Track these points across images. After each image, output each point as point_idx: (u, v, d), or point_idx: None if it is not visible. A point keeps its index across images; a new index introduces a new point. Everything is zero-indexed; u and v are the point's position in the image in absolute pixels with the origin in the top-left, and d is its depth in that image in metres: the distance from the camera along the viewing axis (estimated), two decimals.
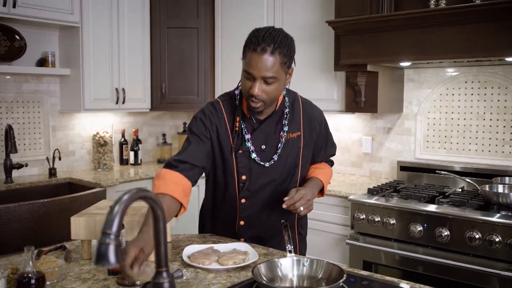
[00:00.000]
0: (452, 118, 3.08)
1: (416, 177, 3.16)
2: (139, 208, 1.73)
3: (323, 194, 1.91)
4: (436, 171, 2.92)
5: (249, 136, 1.72)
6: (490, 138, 2.95)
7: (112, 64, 3.58)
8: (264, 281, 1.30)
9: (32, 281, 1.27)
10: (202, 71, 3.91)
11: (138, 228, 1.52)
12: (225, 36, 3.83)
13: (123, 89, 3.65)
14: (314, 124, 1.84)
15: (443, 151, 3.13)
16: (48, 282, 1.36)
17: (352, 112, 3.24)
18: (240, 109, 1.73)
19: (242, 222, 1.80)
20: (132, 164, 3.94)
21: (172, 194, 1.51)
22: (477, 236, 2.27)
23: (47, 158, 3.40)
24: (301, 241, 1.95)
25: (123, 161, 3.93)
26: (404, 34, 2.62)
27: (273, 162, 1.75)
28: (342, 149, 3.54)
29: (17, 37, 3.29)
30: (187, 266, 1.52)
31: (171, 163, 1.63)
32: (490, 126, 2.94)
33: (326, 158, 1.97)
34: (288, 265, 1.40)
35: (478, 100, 2.98)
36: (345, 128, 3.56)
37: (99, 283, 1.40)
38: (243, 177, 1.74)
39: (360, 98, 3.06)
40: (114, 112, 3.89)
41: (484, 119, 2.96)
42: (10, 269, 1.39)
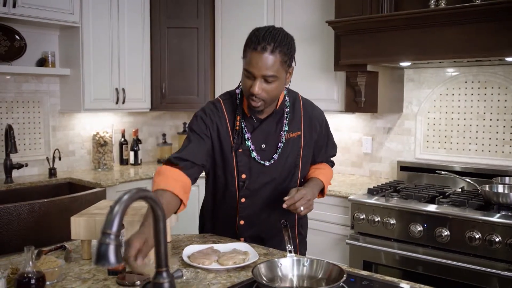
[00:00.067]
0: (452, 118, 3.08)
1: (416, 177, 3.16)
2: (139, 208, 1.73)
3: (324, 195, 1.91)
4: (436, 171, 2.92)
5: (249, 135, 1.73)
6: (490, 138, 2.95)
7: (112, 64, 3.58)
8: (264, 281, 1.30)
9: (32, 281, 1.27)
10: (202, 71, 3.91)
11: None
12: (225, 36, 3.83)
13: (123, 89, 3.65)
14: (315, 124, 1.84)
15: (443, 151, 3.13)
16: (48, 282, 1.36)
17: (352, 112, 3.24)
18: (241, 108, 1.74)
19: (242, 222, 1.80)
20: (132, 164, 3.94)
21: (172, 191, 1.51)
22: (477, 236, 2.27)
23: (47, 158, 3.40)
24: (302, 241, 1.95)
25: (123, 161, 3.94)
26: (404, 34, 2.62)
27: (273, 161, 1.75)
28: (342, 149, 3.54)
29: (17, 37, 3.29)
30: (187, 266, 1.52)
31: (171, 160, 1.63)
32: (490, 126, 2.94)
33: (327, 159, 1.97)
34: (288, 265, 1.40)
35: (478, 100, 2.98)
36: (345, 128, 3.56)
37: (99, 283, 1.40)
38: (243, 176, 1.74)
39: (360, 98, 3.06)
40: (114, 112, 3.89)
41: (484, 119, 2.96)
42: (10, 269, 1.39)
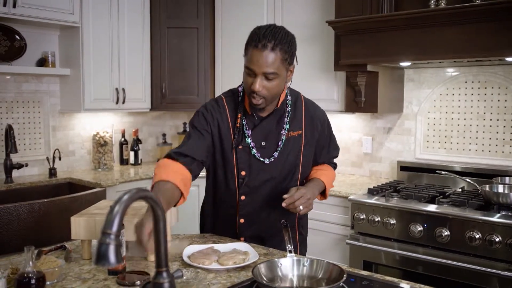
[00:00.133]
0: (452, 118, 3.08)
1: (416, 177, 3.16)
2: (139, 208, 1.73)
3: (326, 197, 1.90)
4: (436, 171, 2.92)
5: (250, 132, 1.74)
6: (490, 138, 2.95)
7: (112, 64, 3.58)
8: (264, 281, 1.30)
9: (32, 281, 1.27)
10: (202, 71, 3.91)
11: None
12: (225, 36, 3.83)
13: (123, 89, 3.65)
14: (316, 123, 1.85)
15: (443, 151, 3.13)
16: (48, 282, 1.36)
17: (352, 112, 3.24)
18: (242, 105, 1.75)
19: (242, 220, 1.80)
20: (132, 164, 3.94)
21: (174, 182, 1.53)
22: (477, 236, 2.27)
23: (47, 158, 3.40)
24: (302, 242, 1.95)
25: (123, 161, 3.93)
26: (404, 34, 2.62)
27: (273, 159, 1.75)
28: (342, 149, 3.54)
29: (17, 37, 3.29)
30: (187, 266, 1.52)
31: (172, 156, 1.65)
32: (490, 126, 2.94)
33: (329, 160, 1.97)
34: (288, 265, 1.40)
35: (478, 100, 2.98)
36: (345, 128, 3.56)
37: (99, 283, 1.40)
38: (243, 173, 1.75)
39: (360, 98, 3.06)
40: (114, 112, 3.89)
41: (484, 119, 2.96)
42: (10, 269, 1.39)
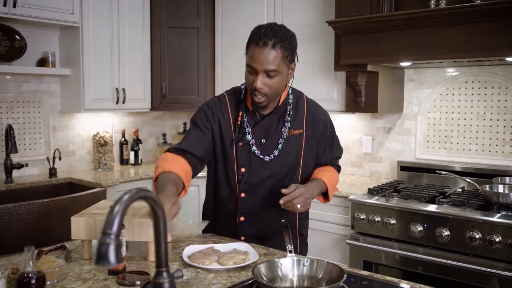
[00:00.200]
0: (452, 118, 3.08)
1: (416, 177, 3.16)
2: (139, 208, 1.73)
3: (329, 199, 1.87)
4: (436, 171, 2.92)
5: (250, 129, 1.75)
6: (490, 138, 2.95)
7: (112, 64, 3.58)
8: (264, 281, 1.30)
9: (32, 281, 1.27)
10: (202, 71, 3.91)
11: (139, 228, 1.55)
12: (225, 36, 3.83)
13: (123, 89, 3.65)
14: (318, 123, 1.85)
15: (443, 151, 3.13)
16: (48, 282, 1.36)
17: (352, 112, 3.24)
18: (244, 103, 1.77)
19: (242, 218, 1.80)
20: (132, 164, 3.94)
21: (177, 173, 1.57)
22: (477, 236, 2.27)
23: (47, 158, 3.40)
24: (303, 242, 1.95)
25: (123, 161, 3.93)
26: (404, 34, 2.62)
27: (273, 157, 1.76)
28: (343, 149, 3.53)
29: (17, 37, 3.29)
30: (187, 266, 1.52)
31: (172, 151, 1.69)
32: (490, 126, 2.94)
33: (332, 161, 1.96)
34: (288, 265, 1.40)
35: (478, 100, 2.98)
36: (345, 128, 3.56)
37: (99, 283, 1.40)
38: (242, 170, 1.76)
39: (360, 98, 3.06)
40: (114, 112, 3.89)
41: (484, 119, 2.96)
42: (10, 269, 1.39)
